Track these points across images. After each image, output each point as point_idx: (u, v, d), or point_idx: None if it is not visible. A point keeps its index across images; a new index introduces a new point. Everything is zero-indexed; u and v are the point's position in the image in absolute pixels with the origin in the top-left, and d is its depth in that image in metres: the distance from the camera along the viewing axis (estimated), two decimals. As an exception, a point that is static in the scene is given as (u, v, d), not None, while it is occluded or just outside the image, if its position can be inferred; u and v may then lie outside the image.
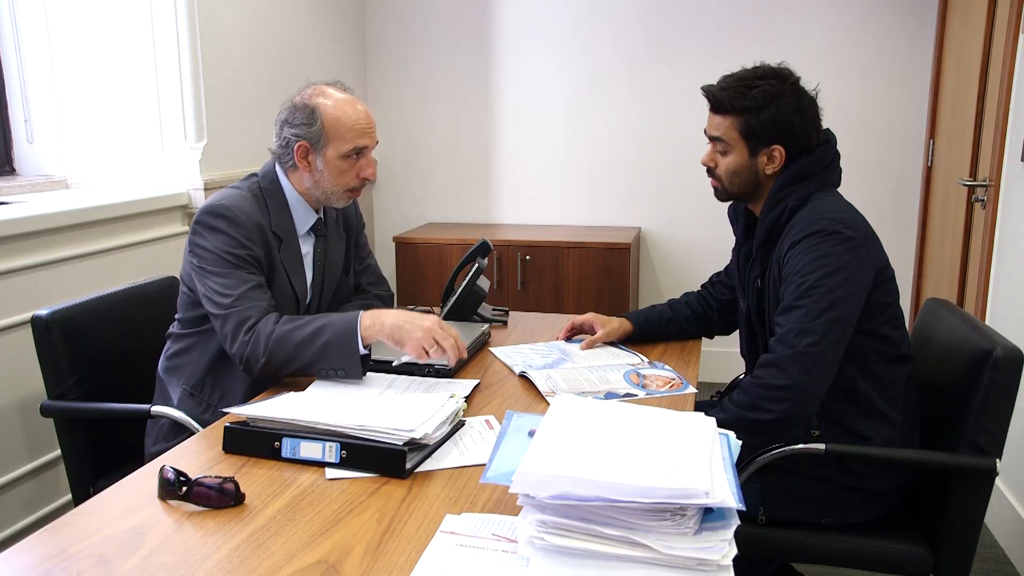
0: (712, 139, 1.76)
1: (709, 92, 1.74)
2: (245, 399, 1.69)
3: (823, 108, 1.76)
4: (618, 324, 1.98)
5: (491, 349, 1.95)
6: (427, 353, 1.61)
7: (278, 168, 1.84)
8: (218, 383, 1.80)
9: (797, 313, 1.59)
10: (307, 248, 1.88)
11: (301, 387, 1.61)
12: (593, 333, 1.98)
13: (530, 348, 1.95)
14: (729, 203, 1.93)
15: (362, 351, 1.63)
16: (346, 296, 2.03)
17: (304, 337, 1.62)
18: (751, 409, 1.60)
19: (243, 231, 1.71)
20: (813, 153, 1.72)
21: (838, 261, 1.59)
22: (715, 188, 1.81)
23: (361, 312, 1.66)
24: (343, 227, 2.01)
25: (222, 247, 1.69)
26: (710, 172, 1.79)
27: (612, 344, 1.98)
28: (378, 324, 1.64)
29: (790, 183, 1.70)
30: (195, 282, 1.74)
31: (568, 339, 2.01)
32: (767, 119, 1.68)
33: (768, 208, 1.73)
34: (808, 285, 1.59)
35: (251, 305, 1.66)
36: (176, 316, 1.87)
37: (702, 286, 2.10)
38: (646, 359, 1.87)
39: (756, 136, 1.70)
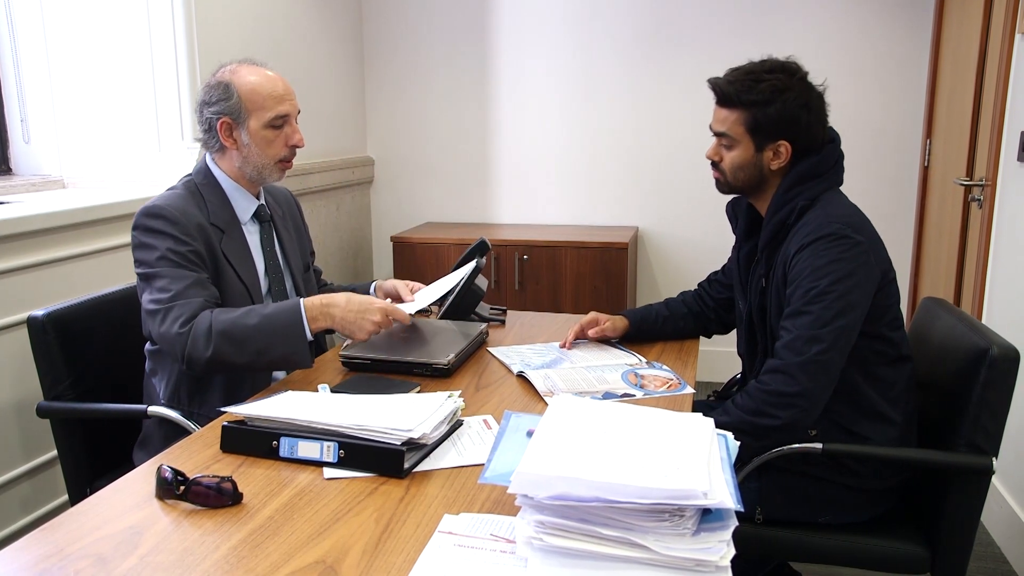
0: (717, 134, 1.74)
1: (716, 85, 1.71)
2: (223, 405, 1.68)
3: (823, 106, 1.76)
4: (615, 321, 1.98)
5: (489, 349, 1.95)
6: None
7: (208, 160, 1.85)
8: (193, 396, 1.79)
9: (806, 319, 1.58)
10: (253, 237, 1.88)
11: (302, 387, 1.61)
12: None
13: (528, 348, 1.95)
14: (728, 202, 1.93)
15: (309, 338, 1.66)
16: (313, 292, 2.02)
17: (248, 329, 1.62)
18: (757, 414, 1.59)
19: (180, 227, 1.71)
20: (821, 152, 1.70)
21: (847, 267, 1.58)
22: (717, 180, 1.79)
23: (304, 300, 1.67)
24: (292, 225, 2.01)
25: (163, 247, 1.69)
26: (714, 165, 1.77)
27: (610, 344, 1.98)
28: (326, 316, 1.67)
29: (799, 182, 1.68)
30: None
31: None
32: (773, 114, 1.65)
33: (776, 207, 1.71)
34: (818, 291, 1.58)
35: (187, 302, 1.65)
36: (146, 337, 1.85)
37: (699, 285, 2.10)
38: (644, 359, 1.87)
39: (762, 131, 1.68)
